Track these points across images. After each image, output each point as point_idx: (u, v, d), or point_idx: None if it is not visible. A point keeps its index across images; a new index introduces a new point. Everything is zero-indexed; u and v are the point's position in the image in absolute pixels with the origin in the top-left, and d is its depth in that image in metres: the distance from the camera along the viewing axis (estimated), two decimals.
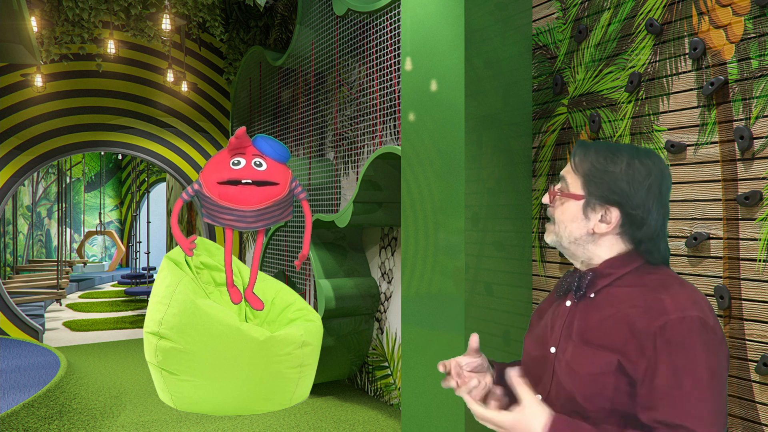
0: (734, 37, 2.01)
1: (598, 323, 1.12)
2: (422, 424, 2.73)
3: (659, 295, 1.07)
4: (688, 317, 1.03)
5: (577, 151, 1.20)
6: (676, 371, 1.01)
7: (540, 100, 2.71)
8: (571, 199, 1.18)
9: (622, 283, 1.14)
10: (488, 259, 2.60)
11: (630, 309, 1.08)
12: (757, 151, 1.94)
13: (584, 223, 1.16)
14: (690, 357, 1.01)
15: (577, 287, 1.18)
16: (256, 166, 1.80)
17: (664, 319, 1.03)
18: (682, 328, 1.02)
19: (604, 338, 1.09)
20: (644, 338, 1.04)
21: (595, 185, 1.15)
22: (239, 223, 1.78)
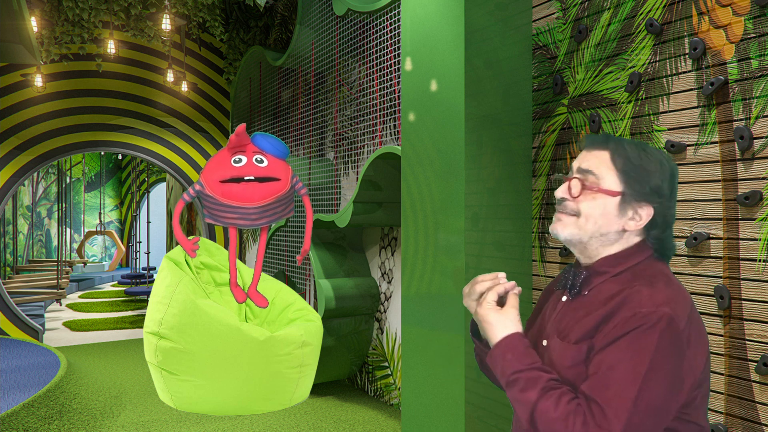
0: (734, 37, 2.01)
1: (581, 317, 1.12)
2: (422, 424, 2.73)
3: (640, 288, 1.07)
4: (657, 312, 1.02)
5: (611, 143, 1.16)
6: (619, 354, 1.02)
7: (540, 100, 2.71)
8: (605, 194, 1.14)
9: (616, 280, 1.13)
10: (488, 259, 2.60)
11: (608, 300, 1.09)
12: (757, 151, 1.94)
13: (617, 219, 1.14)
14: (639, 347, 1.01)
15: (571, 285, 1.17)
16: (258, 162, 1.80)
17: (635, 310, 1.03)
18: (646, 320, 1.02)
19: (580, 331, 1.10)
20: (611, 324, 1.05)
21: (636, 182, 1.13)
22: (242, 220, 1.78)
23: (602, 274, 1.15)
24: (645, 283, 1.08)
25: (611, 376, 1.01)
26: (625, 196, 1.13)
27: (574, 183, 1.16)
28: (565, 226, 1.16)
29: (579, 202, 1.15)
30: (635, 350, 1.01)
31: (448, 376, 2.56)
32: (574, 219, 1.15)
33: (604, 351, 1.04)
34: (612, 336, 1.04)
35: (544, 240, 2.68)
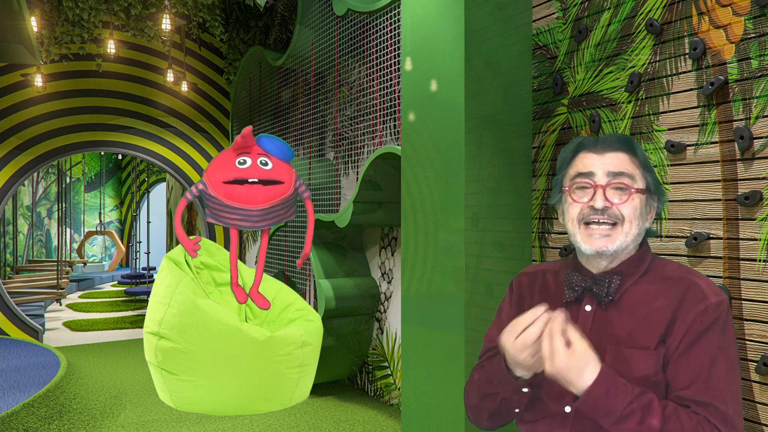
0: (734, 37, 2.01)
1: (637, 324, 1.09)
2: (422, 424, 2.73)
3: (693, 280, 1.09)
4: (724, 300, 1.07)
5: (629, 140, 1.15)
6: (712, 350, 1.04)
7: (540, 100, 2.71)
8: (640, 194, 1.12)
9: (644, 280, 1.13)
10: (488, 259, 2.60)
11: (666, 299, 1.09)
12: (757, 151, 1.94)
13: (646, 217, 1.14)
14: (725, 337, 1.05)
15: (606, 293, 1.12)
16: (262, 165, 1.80)
17: (705, 303, 1.06)
18: (719, 311, 1.05)
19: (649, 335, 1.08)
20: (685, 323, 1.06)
21: (651, 176, 1.15)
22: (244, 222, 1.78)
23: (631, 275, 1.14)
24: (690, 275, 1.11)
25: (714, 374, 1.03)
26: (648, 191, 1.15)
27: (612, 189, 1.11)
28: (615, 238, 1.11)
29: (621, 207, 1.11)
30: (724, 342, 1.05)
31: (448, 376, 2.56)
32: (620, 227, 1.11)
33: (692, 350, 1.04)
34: (694, 333, 1.04)
35: (544, 240, 2.68)
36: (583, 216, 1.14)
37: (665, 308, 1.08)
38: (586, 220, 1.13)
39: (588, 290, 1.15)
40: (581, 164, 1.17)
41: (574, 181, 1.17)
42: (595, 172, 1.14)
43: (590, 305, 1.15)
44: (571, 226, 1.17)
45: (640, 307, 1.10)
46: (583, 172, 1.15)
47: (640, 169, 1.14)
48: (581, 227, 1.14)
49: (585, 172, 1.15)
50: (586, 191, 1.14)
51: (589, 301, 1.15)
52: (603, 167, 1.13)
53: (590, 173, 1.14)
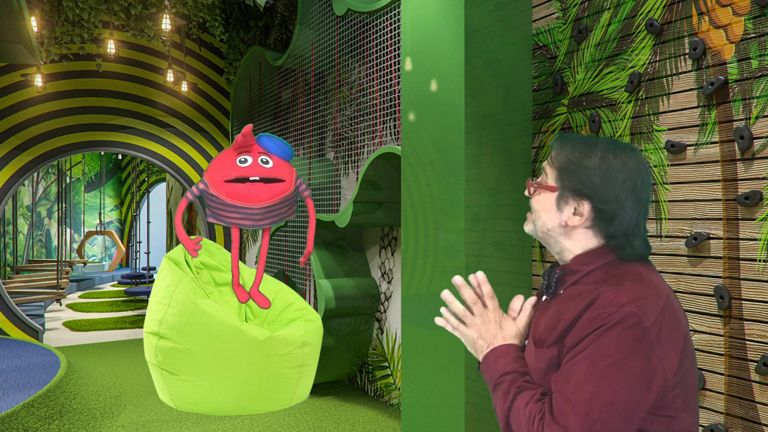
0: (734, 37, 2.01)
1: (551, 319, 1.14)
2: (422, 424, 2.73)
3: (606, 289, 1.08)
4: (619, 312, 1.03)
5: (555, 144, 1.22)
6: (581, 353, 1.05)
7: (540, 100, 2.71)
8: (546, 190, 1.20)
9: (588, 279, 1.14)
10: (488, 259, 2.60)
11: (578, 302, 1.10)
12: (757, 151, 1.94)
13: (557, 214, 1.18)
14: (599, 344, 1.03)
15: (547, 285, 1.21)
16: (263, 163, 1.80)
17: (597, 311, 1.05)
18: (608, 320, 1.04)
19: (549, 333, 1.13)
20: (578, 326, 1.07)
21: (568, 178, 1.16)
22: (246, 221, 1.78)
23: (575, 272, 1.17)
24: (612, 282, 1.09)
25: (572, 371, 1.04)
26: (561, 191, 1.17)
27: (528, 183, 1.24)
28: (527, 222, 1.25)
29: (532, 199, 1.23)
30: (595, 348, 1.03)
31: (448, 376, 2.56)
32: (531, 215, 1.23)
33: (570, 352, 1.07)
34: (577, 337, 1.06)
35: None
36: None
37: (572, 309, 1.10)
38: None
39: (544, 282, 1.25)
40: None
41: None
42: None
43: (545, 296, 1.23)
44: None
45: (564, 304, 1.14)
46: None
47: (555, 168, 1.19)
48: None
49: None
50: None
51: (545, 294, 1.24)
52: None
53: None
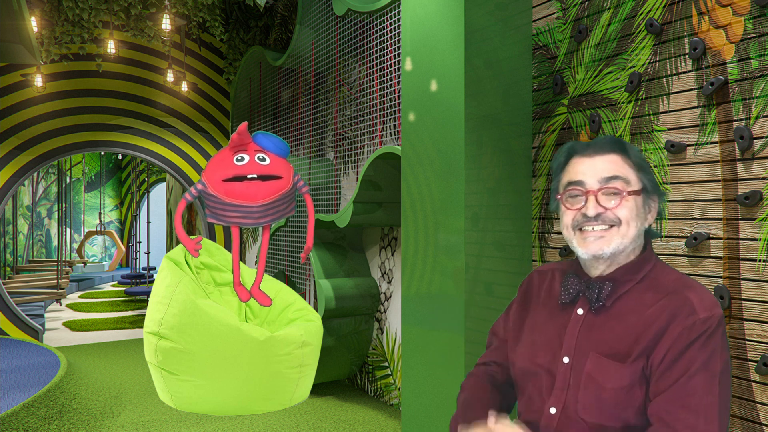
0: (734, 37, 2.01)
1: (622, 332, 1.09)
2: (422, 424, 2.73)
3: (686, 294, 1.07)
4: (714, 316, 1.04)
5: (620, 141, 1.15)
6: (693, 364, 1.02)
7: (540, 100, 2.71)
8: (633, 195, 1.12)
9: (640, 288, 1.11)
10: (488, 259, 2.60)
11: (656, 312, 1.07)
12: (757, 151, 1.94)
13: (644, 217, 1.14)
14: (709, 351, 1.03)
15: (597, 298, 1.12)
16: (260, 161, 1.80)
17: (693, 318, 1.04)
18: (707, 325, 1.03)
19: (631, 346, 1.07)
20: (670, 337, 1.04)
21: (646, 177, 1.14)
22: (246, 219, 1.78)
23: (626, 283, 1.13)
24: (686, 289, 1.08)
25: (691, 384, 1.01)
26: (645, 192, 1.14)
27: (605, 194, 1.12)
28: (610, 239, 1.11)
29: (617, 211, 1.11)
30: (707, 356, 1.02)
31: (448, 376, 2.56)
32: (616, 229, 1.11)
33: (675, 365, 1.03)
34: (678, 348, 1.03)
35: (544, 240, 2.68)
36: (577, 223, 1.14)
37: (652, 322, 1.06)
38: (579, 227, 1.14)
39: (582, 294, 1.16)
40: (573, 171, 1.17)
41: (566, 189, 1.17)
42: (586, 179, 1.14)
43: (582, 309, 1.16)
44: (566, 232, 1.18)
45: (628, 317, 1.09)
46: (574, 180, 1.15)
47: (633, 169, 1.13)
48: (576, 233, 1.15)
49: (575, 180, 1.15)
50: (579, 198, 1.15)
51: (582, 305, 1.16)
52: (595, 173, 1.13)
53: (580, 181, 1.14)
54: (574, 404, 1.11)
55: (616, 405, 1.06)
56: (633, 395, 1.06)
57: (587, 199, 1.12)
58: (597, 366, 1.09)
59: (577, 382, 1.11)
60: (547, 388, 1.15)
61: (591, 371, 1.09)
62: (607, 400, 1.07)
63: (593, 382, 1.09)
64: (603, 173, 1.12)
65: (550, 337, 1.18)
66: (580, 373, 1.11)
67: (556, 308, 1.21)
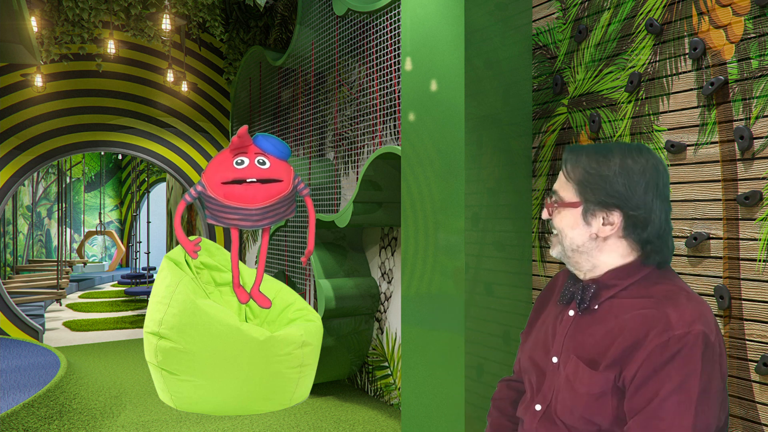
0: (734, 37, 2.01)
1: (600, 338, 1.08)
2: (422, 424, 2.73)
3: (665, 308, 1.03)
4: (692, 332, 0.99)
5: (569, 157, 1.17)
6: (666, 384, 0.98)
7: (540, 100, 2.71)
8: (568, 207, 1.15)
9: (627, 293, 1.10)
10: (488, 259, 2.60)
11: (633, 322, 1.05)
12: (757, 151, 1.94)
13: (586, 229, 1.13)
14: (685, 372, 0.98)
15: (581, 299, 1.14)
16: (260, 164, 1.80)
17: (668, 335, 1.00)
18: (682, 343, 0.99)
19: (604, 354, 1.06)
20: (644, 352, 1.01)
21: (590, 191, 1.12)
22: (245, 221, 1.78)
23: (611, 287, 1.12)
24: (667, 301, 1.05)
25: (663, 407, 0.98)
26: (585, 205, 1.13)
27: (546, 204, 1.21)
28: (553, 245, 1.21)
29: (553, 221, 1.19)
30: (682, 377, 0.98)
31: (448, 376, 2.56)
32: (556, 237, 1.19)
33: (647, 384, 1.00)
34: (651, 365, 1.00)
35: (544, 240, 2.68)
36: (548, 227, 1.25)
37: (626, 331, 1.05)
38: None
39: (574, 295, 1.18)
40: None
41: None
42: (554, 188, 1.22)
43: (573, 311, 1.17)
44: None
45: (610, 320, 1.09)
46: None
47: (572, 183, 1.15)
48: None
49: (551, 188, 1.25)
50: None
51: (573, 307, 1.17)
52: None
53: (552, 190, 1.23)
54: (554, 404, 1.13)
55: (588, 411, 1.06)
56: (603, 404, 1.05)
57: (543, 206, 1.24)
58: (574, 370, 1.10)
59: (560, 383, 1.13)
60: (537, 386, 1.19)
61: (569, 374, 1.10)
62: (578, 404, 1.07)
63: (569, 385, 1.10)
64: (554, 186, 1.21)
65: (547, 336, 1.20)
66: (562, 375, 1.12)
67: (558, 309, 1.23)
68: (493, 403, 1.38)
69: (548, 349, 1.18)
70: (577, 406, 1.08)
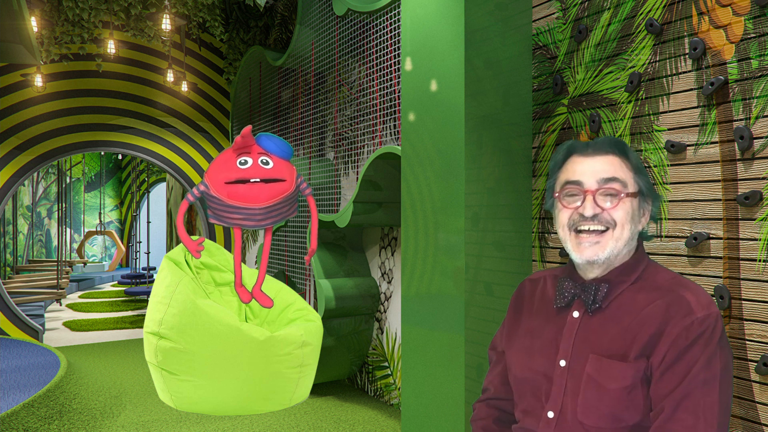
0: (734, 37, 2.01)
1: (621, 332, 1.08)
2: (422, 424, 2.73)
3: (681, 293, 1.06)
4: (712, 314, 1.04)
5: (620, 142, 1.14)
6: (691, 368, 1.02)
7: (540, 100, 2.71)
8: (630, 197, 1.11)
9: (634, 288, 1.11)
10: (488, 259, 2.60)
11: (652, 311, 1.07)
12: (757, 151, 1.94)
13: (638, 220, 1.13)
14: (708, 353, 1.02)
15: (593, 300, 1.12)
16: (263, 164, 1.80)
17: (691, 318, 1.03)
18: (705, 325, 1.03)
19: (631, 345, 1.07)
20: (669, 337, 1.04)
21: (642, 180, 1.13)
22: (247, 221, 1.78)
23: (620, 284, 1.13)
24: (680, 287, 1.08)
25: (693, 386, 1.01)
26: (641, 194, 1.14)
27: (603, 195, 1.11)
28: (605, 245, 1.10)
29: (612, 212, 1.10)
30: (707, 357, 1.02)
31: (448, 376, 2.56)
32: (610, 232, 1.10)
33: (675, 366, 1.03)
34: (677, 349, 1.03)
35: (544, 240, 2.68)
36: (573, 222, 1.13)
37: (649, 320, 1.06)
38: (576, 227, 1.13)
39: (577, 297, 1.16)
40: (571, 170, 1.16)
41: (564, 187, 1.16)
42: (584, 179, 1.13)
43: (578, 312, 1.15)
44: (561, 232, 1.17)
45: (625, 317, 1.09)
46: (572, 180, 1.14)
47: (631, 172, 1.13)
48: (571, 234, 1.14)
49: (574, 180, 1.14)
50: (576, 197, 1.14)
51: (577, 308, 1.16)
52: (593, 173, 1.12)
53: (578, 181, 1.13)
54: (572, 408, 1.10)
55: (616, 406, 1.06)
56: (633, 396, 1.05)
57: (585, 198, 1.12)
58: (598, 367, 1.08)
59: (576, 386, 1.10)
60: (545, 393, 1.15)
61: (591, 373, 1.09)
62: (607, 402, 1.06)
63: (594, 383, 1.08)
64: (602, 174, 1.12)
65: (546, 342, 1.18)
66: (578, 376, 1.10)
67: (551, 313, 1.20)
68: (475, 425, 1.32)
69: (551, 354, 1.16)
70: (604, 403, 1.07)
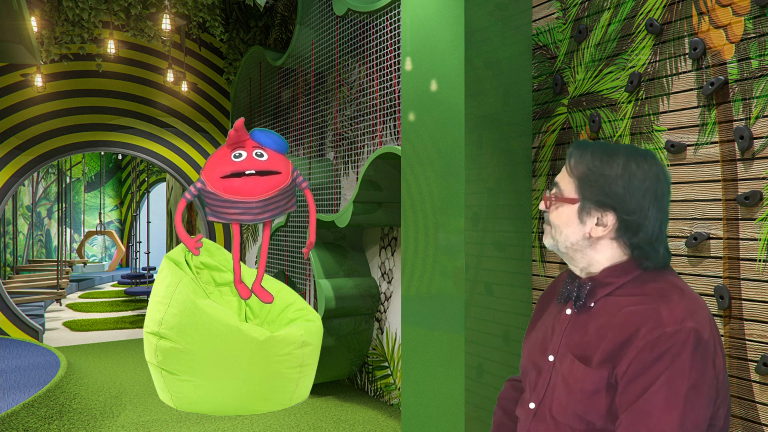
0: (734, 37, 2.01)
1: (592, 335, 1.09)
2: (422, 424, 2.73)
3: (656, 305, 1.04)
4: (683, 330, 1.00)
5: (574, 152, 1.16)
6: (655, 381, 0.99)
7: (540, 100, 2.71)
8: (565, 203, 1.16)
9: (622, 291, 1.11)
10: (488, 259, 2.60)
11: (625, 318, 1.06)
12: (757, 151, 1.94)
13: (580, 227, 1.14)
14: (674, 369, 0.99)
15: (576, 297, 1.15)
16: (258, 156, 1.80)
17: (659, 332, 1.00)
18: (673, 340, 0.99)
19: (596, 350, 1.07)
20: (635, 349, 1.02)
21: (589, 189, 1.12)
22: (245, 215, 1.78)
23: (606, 285, 1.13)
24: (660, 299, 1.05)
25: (652, 403, 0.98)
26: (582, 203, 1.13)
27: (545, 195, 1.20)
28: (546, 236, 1.21)
29: (548, 214, 1.19)
30: (671, 373, 0.98)
31: (448, 376, 2.56)
32: (549, 229, 1.19)
33: (637, 380, 1.01)
34: (641, 362, 1.01)
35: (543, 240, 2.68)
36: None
37: (622, 327, 1.05)
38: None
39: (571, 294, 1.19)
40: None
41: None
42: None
43: (570, 309, 1.18)
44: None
45: (602, 319, 1.10)
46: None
47: (575, 179, 1.15)
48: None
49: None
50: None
51: (570, 305, 1.18)
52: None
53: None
54: (549, 403, 1.14)
55: (581, 407, 1.07)
56: (596, 401, 1.05)
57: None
58: (569, 367, 1.11)
59: (555, 382, 1.14)
60: (533, 383, 1.20)
61: (563, 372, 1.12)
62: (572, 402, 1.08)
63: (564, 382, 1.11)
64: (556, 178, 1.21)
65: (545, 335, 1.22)
66: (558, 373, 1.13)
67: (555, 308, 1.24)
68: (498, 402, 1.39)
69: (545, 348, 1.19)
70: (571, 403, 1.09)
